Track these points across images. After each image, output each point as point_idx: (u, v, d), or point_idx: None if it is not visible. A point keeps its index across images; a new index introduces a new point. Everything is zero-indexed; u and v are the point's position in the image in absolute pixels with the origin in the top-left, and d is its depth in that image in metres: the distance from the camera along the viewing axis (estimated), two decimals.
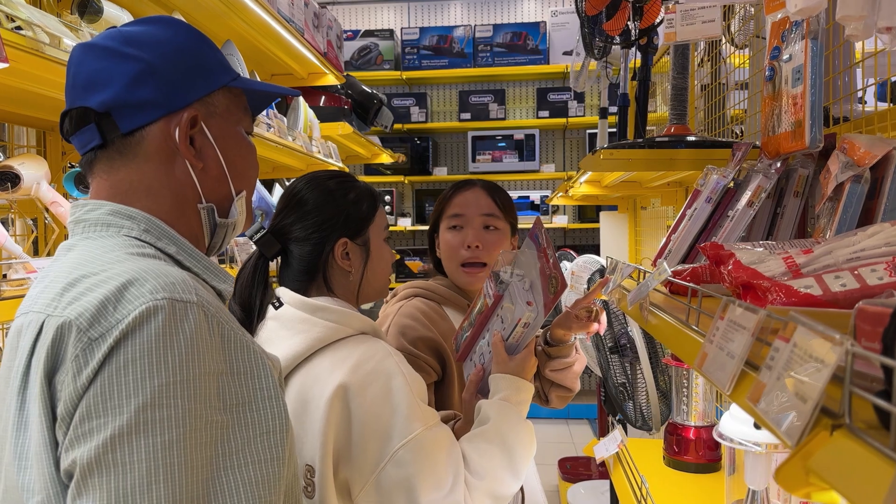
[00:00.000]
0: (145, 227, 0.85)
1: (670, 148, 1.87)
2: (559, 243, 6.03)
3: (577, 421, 5.53)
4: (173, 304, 0.73)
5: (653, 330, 1.15)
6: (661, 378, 2.19)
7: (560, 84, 5.96)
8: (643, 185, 2.92)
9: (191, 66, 0.89)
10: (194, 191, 0.90)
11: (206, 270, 0.88)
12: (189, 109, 0.88)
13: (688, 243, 1.49)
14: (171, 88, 0.86)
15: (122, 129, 0.85)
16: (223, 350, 0.76)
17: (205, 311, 0.75)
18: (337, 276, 1.31)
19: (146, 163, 0.87)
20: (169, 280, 0.75)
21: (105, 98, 0.84)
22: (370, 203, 1.34)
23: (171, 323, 0.72)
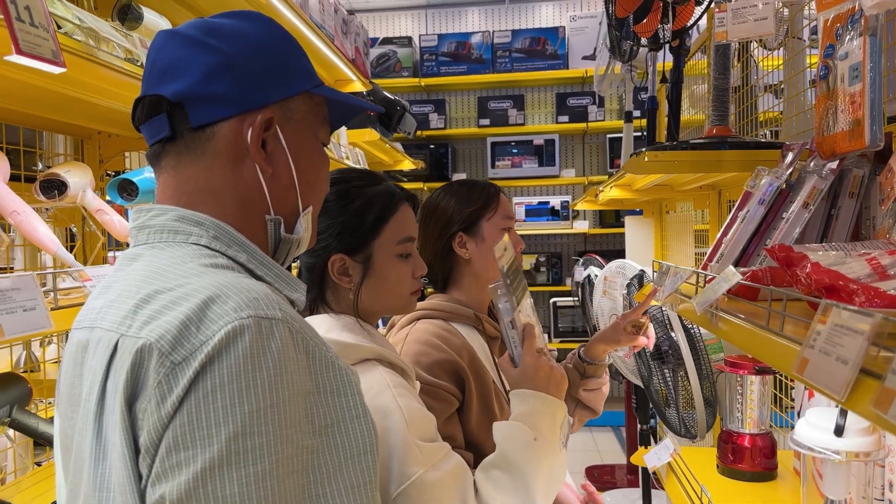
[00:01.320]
0: (215, 233, 0.79)
1: (716, 149, 1.83)
2: (580, 248, 5.99)
3: (601, 429, 5.47)
4: (259, 322, 0.68)
5: (725, 335, 1.11)
6: (706, 384, 2.14)
7: (579, 89, 5.93)
8: (675, 188, 2.88)
9: (272, 66, 0.83)
10: (262, 198, 0.84)
11: (279, 279, 0.83)
12: (265, 110, 0.82)
13: (741, 246, 1.46)
14: (248, 86, 0.81)
15: (192, 122, 0.80)
16: (310, 368, 0.71)
17: (290, 327, 0.70)
18: (338, 290, 1.20)
19: (214, 161, 0.81)
20: (252, 295, 0.70)
21: (179, 88, 0.79)
22: (378, 214, 1.19)
23: (259, 343, 0.67)
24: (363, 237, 1.18)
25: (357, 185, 1.21)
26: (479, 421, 1.37)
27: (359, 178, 1.23)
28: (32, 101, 1.51)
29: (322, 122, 0.91)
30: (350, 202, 1.19)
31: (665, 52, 2.42)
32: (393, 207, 1.21)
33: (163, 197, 0.83)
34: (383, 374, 1.10)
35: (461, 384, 1.38)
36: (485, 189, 1.59)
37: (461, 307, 1.52)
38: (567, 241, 6.11)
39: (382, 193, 1.22)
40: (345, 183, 1.21)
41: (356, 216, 1.18)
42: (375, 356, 1.13)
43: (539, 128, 5.87)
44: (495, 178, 5.75)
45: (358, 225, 1.18)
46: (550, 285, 5.76)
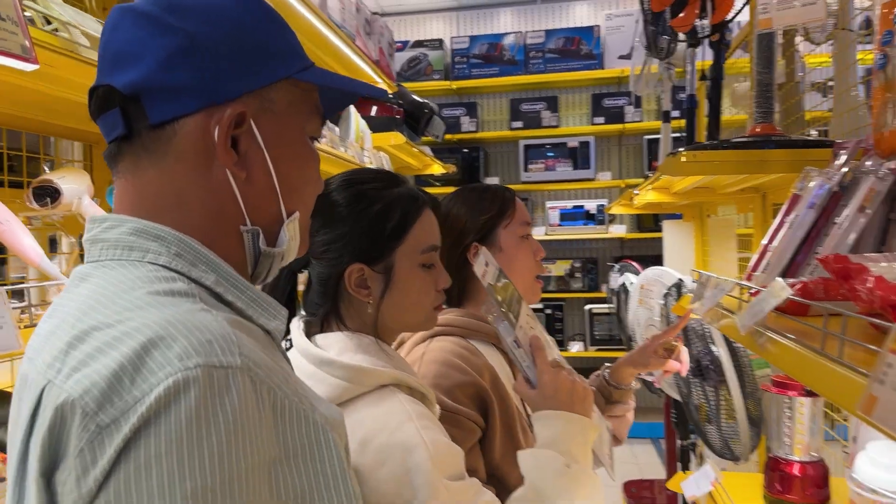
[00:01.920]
0: (177, 250, 0.66)
1: (760, 148, 1.69)
2: (616, 254, 5.81)
3: (640, 440, 5.29)
4: (210, 372, 0.55)
5: (774, 360, 0.98)
6: (751, 403, 1.98)
7: (615, 89, 5.77)
8: (716, 191, 2.73)
9: (247, 47, 0.70)
10: (235, 207, 0.71)
11: (253, 304, 0.70)
12: (236, 103, 0.69)
13: (789, 254, 1.33)
14: (216, 73, 0.68)
15: (151, 118, 0.67)
16: (276, 427, 0.59)
17: (251, 375, 0.58)
18: (354, 305, 1.07)
19: (177, 164, 0.68)
20: (204, 337, 0.57)
21: (133, 78, 0.66)
22: (401, 219, 1.07)
23: (208, 401, 0.54)
24: (385, 245, 1.06)
25: (375, 187, 1.09)
26: (503, 451, 1.24)
27: (375, 179, 1.11)
28: (34, 106, 1.45)
29: (311, 112, 0.77)
30: (369, 206, 1.06)
31: (704, 48, 2.29)
32: (416, 212, 1.09)
33: (120, 205, 0.71)
34: (404, 403, 0.99)
35: (484, 410, 1.25)
36: (499, 194, 1.45)
37: (480, 323, 1.38)
38: (603, 247, 5.94)
39: (405, 196, 1.09)
40: (360, 185, 1.09)
41: (377, 221, 1.06)
42: (395, 381, 1.01)
43: (573, 130, 5.72)
44: (528, 181, 5.63)
45: (379, 231, 1.06)
46: (586, 292, 5.60)
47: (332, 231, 1.06)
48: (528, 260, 1.44)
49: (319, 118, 0.79)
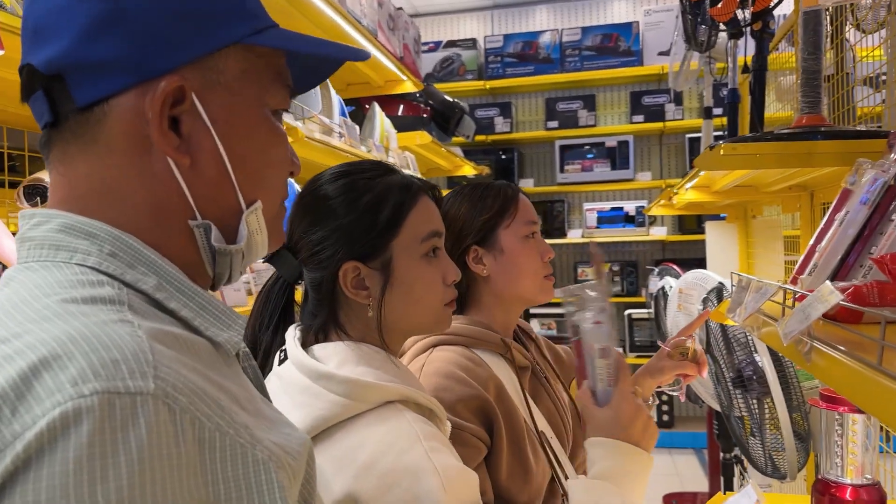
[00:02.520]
0: (111, 249, 0.57)
1: (806, 140, 1.55)
2: (657, 257, 5.62)
3: (682, 451, 5.09)
4: (111, 400, 0.45)
5: (822, 375, 0.85)
6: (797, 416, 1.83)
7: (655, 86, 5.59)
8: (760, 189, 2.58)
9: (185, 10, 0.60)
10: (181, 200, 0.61)
11: (202, 312, 0.60)
12: (172, 76, 0.58)
13: (839, 255, 1.21)
14: (147, 43, 0.58)
15: (76, 101, 0.58)
16: (200, 465, 0.49)
17: (169, 403, 0.47)
18: (353, 310, 0.98)
19: (110, 153, 0.59)
20: (110, 356, 0.47)
21: (52, 54, 0.57)
22: (395, 208, 0.97)
23: (105, 436, 0.44)
24: (379, 237, 0.97)
25: (365, 177, 0.99)
26: (510, 470, 1.14)
27: (366, 169, 1.02)
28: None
29: (273, 80, 0.66)
30: (359, 197, 0.97)
31: (746, 40, 2.15)
32: (412, 199, 0.99)
33: (53, 200, 0.61)
34: (412, 422, 0.89)
35: (489, 425, 1.15)
36: (500, 192, 1.34)
37: (486, 331, 1.27)
38: (643, 249, 5.76)
39: (397, 184, 1.00)
40: (350, 176, 1.00)
41: (368, 213, 0.97)
42: (401, 397, 0.92)
43: (612, 129, 5.55)
44: (565, 182, 5.48)
45: (371, 223, 0.96)
46: (625, 296, 5.43)
47: (323, 228, 0.97)
48: (534, 261, 1.32)
49: (284, 88, 0.68)
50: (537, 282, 1.32)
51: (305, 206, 1.00)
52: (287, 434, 0.60)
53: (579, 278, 5.56)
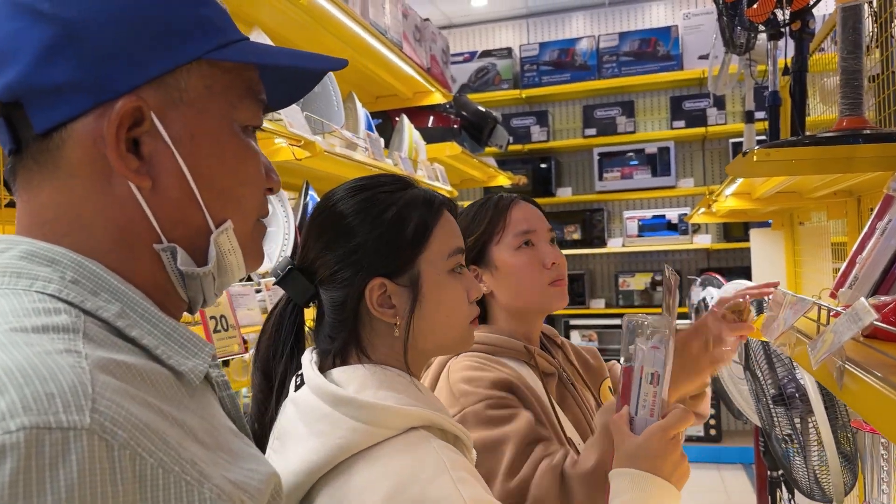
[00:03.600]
0: (73, 276, 0.56)
1: (846, 144, 1.46)
2: (702, 266, 5.47)
3: (730, 466, 4.92)
4: (39, 436, 0.43)
5: (854, 401, 0.77)
6: (843, 436, 1.73)
7: (696, 91, 5.46)
8: (803, 195, 2.47)
9: (141, 28, 0.58)
10: (145, 223, 0.60)
11: (167, 339, 0.59)
12: (129, 97, 0.57)
13: (881, 267, 1.14)
14: (102, 64, 0.57)
15: (35, 127, 0.57)
16: (141, 503, 0.47)
17: (106, 438, 0.45)
18: (376, 331, 0.93)
19: (71, 179, 0.58)
20: (44, 389, 0.45)
21: (8, 80, 0.56)
22: (420, 222, 0.94)
23: (32, 475, 0.42)
24: (407, 253, 0.93)
25: (385, 192, 0.96)
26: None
27: (383, 182, 0.98)
28: None
29: (243, 96, 0.65)
30: (383, 211, 0.93)
31: (787, 42, 2.06)
32: (436, 213, 0.96)
33: (19, 227, 0.60)
34: (438, 450, 0.84)
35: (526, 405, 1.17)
36: (491, 207, 1.32)
37: (508, 339, 1.26)
38: (687, 258, 5.61)
39: (420, 198, 0.96)
40: (369, 190, 0.96)
41: (394, 227, 0.92)
42: (426, 423, 0.87)
43: (652, 135, 5.43)
44: (604, 190, 5.38)
45: (398, 238, 0.92)
46: None
47: (343, 246, 0.92)
48: (531, 272, 1.28)
49: (256, 103, 0.66)
50: (539, 291, 1.28)
51: (322, 225, 0.95)
52: (249, 470, 0.58)
53: (620, 288, 5.44)
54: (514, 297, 1.29)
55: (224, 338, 1.31)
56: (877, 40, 2.09)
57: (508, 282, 1.28)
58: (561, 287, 1.30)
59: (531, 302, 1.30)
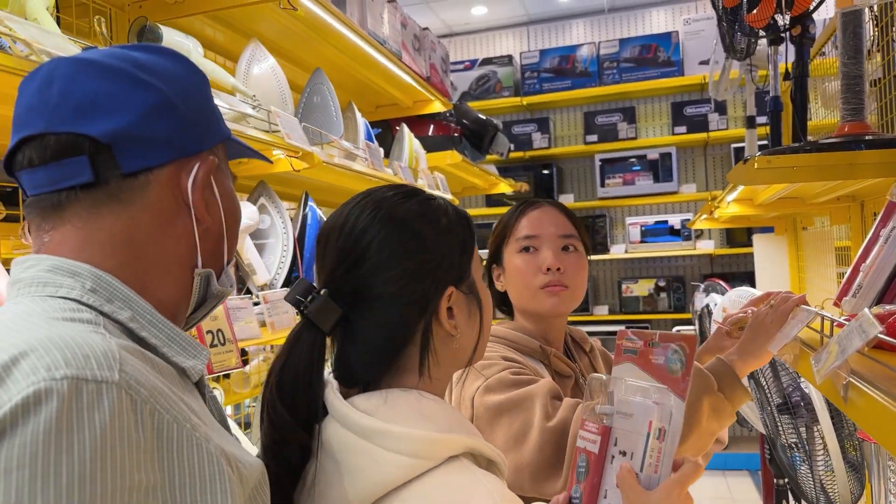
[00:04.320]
0: (92, 285, 0.66)
1: (847, 150, 1.44)
2: (705, 272, 5.45)
3: (736, 473, 4.89)
4: (78, 385, 0.53)
5: (860, 416, 0.76)
6: (849, 445, 1.70)
7: (698, 96, 5.45)
8: (806, 200, 2.45)
9: (202, 109, 0.77)
10: (191, 253, 0.75)
11: (170, 342, 0.70)
12: (204, 156, 0.75)
13: (886, 274, 1.13)
14: (187, 129, 0.74)
15: (123, 168, 0.69)
16: (157, 451, 0.57)
17: (131, 394, 0.56)
18: (438, 346, 0.87)
19: (142, 213, 0.71)
20: (82, 351, 0.56)
21: (111, 127, 0.68)
22: (466, 228, 0.92)
23: (73, 414, 0.52)
24: (466, 259, 0.90)
25: (427, 197, 0.92)
26: None
27: (416, 190, 0.94)
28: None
29: (225, 162, 0.84)
30: (440, 217, 0.89)
31: (787, 47, 2.05)
32: (470, 221, 0.95)
33: (62, 247, 0.69)
34: (484, 481, 0.79)
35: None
36: (510, 212, 1.45)
37: (524, 336, 1.35)
38: (690, 264, 5.59)
39: (450, 205, 0.94)
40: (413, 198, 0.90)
41: (454, 234, 0.89)
42: (467, 450, 0.82)
43: (653, 141, 5.42)
44: (606, 197, 5.37)
45: (462, 242, 0.90)
46: (672, 313, 5.27)
47: (414, 258, 0.86)
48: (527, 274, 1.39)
49: (232, 174, 0.85)
50: (531, 294, 1.37)
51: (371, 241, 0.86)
52: (242, 451, 0.69)
53: (623, 295, 5.41)
54: (516, 297, 1.39)
55: (221, 352, 1.30)
56: (878, 44, 2.08)
57: (512, 282, 1.39)
58: (554, 291, 1.34)
59: (525, 303, 1.38)
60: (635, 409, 0.86)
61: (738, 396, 1.18)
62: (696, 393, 1.17)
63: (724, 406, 1.17)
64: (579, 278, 1.37)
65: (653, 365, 0.88)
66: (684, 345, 0.85)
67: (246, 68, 1.83)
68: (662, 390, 0.86)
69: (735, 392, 1.18)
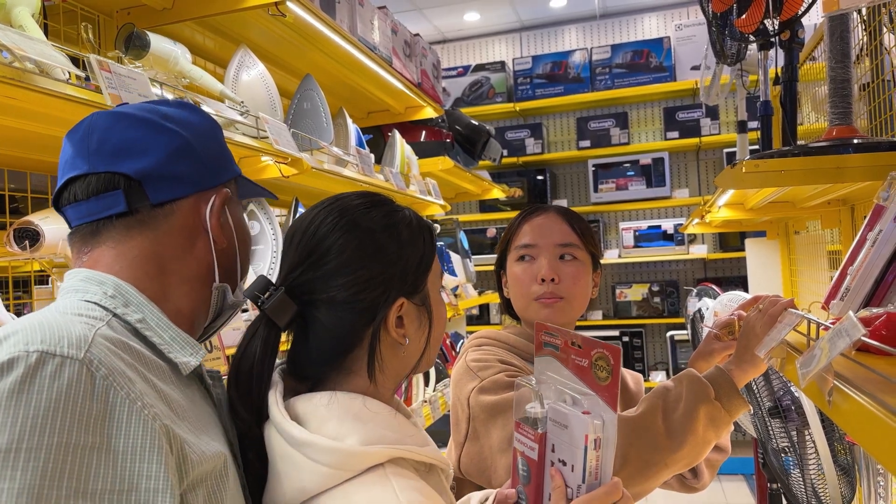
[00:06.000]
0: (113, 292, 0.80)
1: (835, 153, 1.44)
2: (698, 276, 5.46)
3: (731, 477, 4.88)
4: (43, 357, 0.66)
5: (843, 419, 0.76)
6: (840, 448, 1.70)
7: (690, 101, 5.47)
8: (797, 204, 2.46)
9: (218, 151, 0.92)
10: (209, 270, 0.88)
11: (173, 342, 0.81)
12: (220, 190, 0.90)
13: (872, 278, 1.12)
14: (205, 168, 0.88)
15: (152, 199, 0.84)
16: (104, 419, 0.67)
17: (92, 370, 0.68)
18: (384, 352, 0.90)
19: (167, 236, 0.85)
20: (58, 333, 0.69)
21: (142, 166, 0.83)
22: (429, 240, 0.95)
23: (34, 378, 0.65)
24: (423, 271, 0.93)
25: (393, 207, 0.95)
26: None
27: (380, 199, 0.95)
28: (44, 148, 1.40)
29: (239, 201, 0.98)
30: (402, 228, 0.92)
31: (777, 52, 2.06)
32: (433, 232, 0.98)
33: (99, 264, 0.84)
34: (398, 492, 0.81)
35: None
36: (515, 218, 1.45)
37: (524, 342, 1.36)
38: (684, 268, 5.60)
39: (415, 216, 0.96)
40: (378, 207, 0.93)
41: (413, 245, 0.92)
42: (389, 459, 0.84)
43: (646, 146, 5.43)
44: (599, 202, 5.38)
45: (419, 254, 0.92)
46: (666, 317, 5.27)
47: (371, 265, 0.88)
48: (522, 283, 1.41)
49: (242, 205, 1.03)
50: (526, 303, 1.36)
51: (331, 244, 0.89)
52: (205, 442, 0.77)
53: (618, 299, 5.42)
54: (515, 305, 1.39)
55: (209, 359, 1.29)
56: (867, 49, 2.09)
57: (511, 291, 1.40)
58: (547, 303, 1.32)
59: (522, 313, 1.39)
60: (569, 421, 0.85)
61: (736, 406, 1.18)
62: (694, 401, 1.17)
63: (721, 415, 1.18)
64: (577, 288, 1.34)
65: (576, 365, 0.87)
66: (609, 354, 0.84)
67: (235, 74, 1.82)
68: (591, 398, 0.85)
69: (732, 401, 1.18)
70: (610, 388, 0.83)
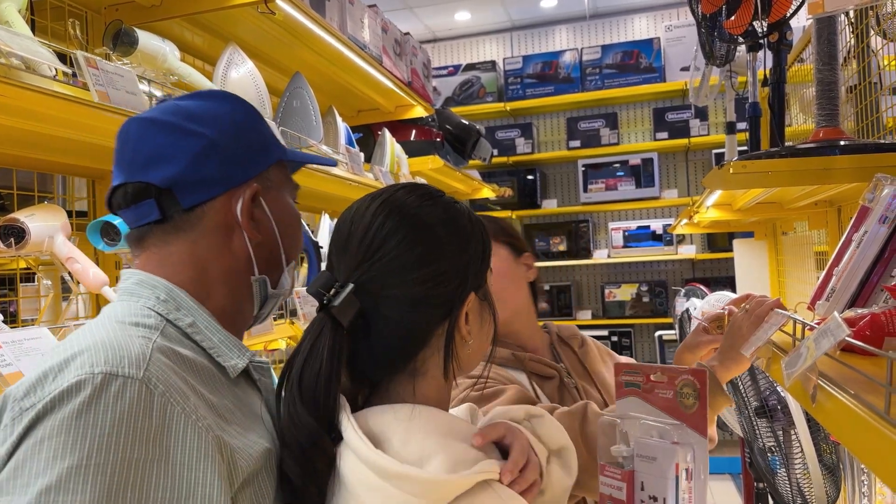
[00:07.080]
0: (165, 296, 0.84)
1: (822, 155, 1.46)
2: (687, 276, 5.48)
3: (719, 477, 4.91)
4: (108, 379, 0.70)
5: (826, 419, 0.77)
6: (826, 448, 1.72)
7: (679, 102, 5.49)
8: (784, 205, 2.47)
9: (251, 142, 0.90)
10: (248, 264, 0.89)
11: (221, 345, 0.85)
12: (250, 185, 0.89)
13: (857, 279, 1.13)
14: (232, 164, 0.88)
15: (183, 205, 0.85)
16: (163, 433, 0.71)
17: (150, 388, 0.71)
18: (434, 361, 0.86)
19: (203, 237, 0.87)
20: (119, 353, 0.72)
21: (168, 174, 0.84)
22: (485, 234, 0.92)
23: (98, 400, 0.69)
24: (486, 266, 0.91)
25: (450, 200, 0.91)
26: None
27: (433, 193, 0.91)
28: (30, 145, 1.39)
29: (288, 179, 0.97)
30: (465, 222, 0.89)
31: (766, 54, 2.07)
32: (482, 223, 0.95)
33: (147, 266, 0.87)
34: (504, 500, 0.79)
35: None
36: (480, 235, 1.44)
37: (518, 353, 1.34)
38: (672, 269, 5.62)
39: (468, 208, 0.93)
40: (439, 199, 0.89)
41: (477, 240, 0.90)
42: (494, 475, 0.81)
43: (635, 147, 5.45)
44: (588, 202, 5.39)
45: (484, 248, 0.91)
46: (655, 317, 5.29)
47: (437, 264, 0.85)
48: None
49: (292, 183, 0.99)
50: None
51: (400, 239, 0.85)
52: (252, 441, 0.80)
53: (606, 299, 5.43)
54: None
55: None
56: (854, 51, 2.10)
57: None
58: None
59: None
60: (657, 453, 0.85)
61: (719, 402, 1.19)
62: None
63: None
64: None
65: (661, 399, 0.87)
66: (694, 380, 0.84)
67: (224, 72, 1.82)
68: (680, 427, 0.85)
69: (716, 397, 1.18)
70: (698, 414, 0.83)
